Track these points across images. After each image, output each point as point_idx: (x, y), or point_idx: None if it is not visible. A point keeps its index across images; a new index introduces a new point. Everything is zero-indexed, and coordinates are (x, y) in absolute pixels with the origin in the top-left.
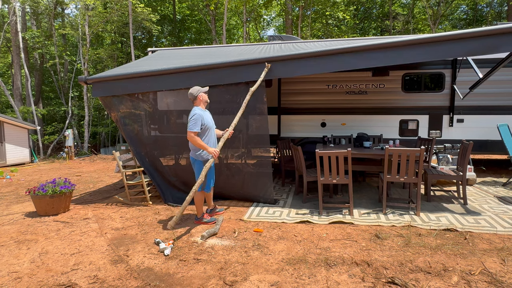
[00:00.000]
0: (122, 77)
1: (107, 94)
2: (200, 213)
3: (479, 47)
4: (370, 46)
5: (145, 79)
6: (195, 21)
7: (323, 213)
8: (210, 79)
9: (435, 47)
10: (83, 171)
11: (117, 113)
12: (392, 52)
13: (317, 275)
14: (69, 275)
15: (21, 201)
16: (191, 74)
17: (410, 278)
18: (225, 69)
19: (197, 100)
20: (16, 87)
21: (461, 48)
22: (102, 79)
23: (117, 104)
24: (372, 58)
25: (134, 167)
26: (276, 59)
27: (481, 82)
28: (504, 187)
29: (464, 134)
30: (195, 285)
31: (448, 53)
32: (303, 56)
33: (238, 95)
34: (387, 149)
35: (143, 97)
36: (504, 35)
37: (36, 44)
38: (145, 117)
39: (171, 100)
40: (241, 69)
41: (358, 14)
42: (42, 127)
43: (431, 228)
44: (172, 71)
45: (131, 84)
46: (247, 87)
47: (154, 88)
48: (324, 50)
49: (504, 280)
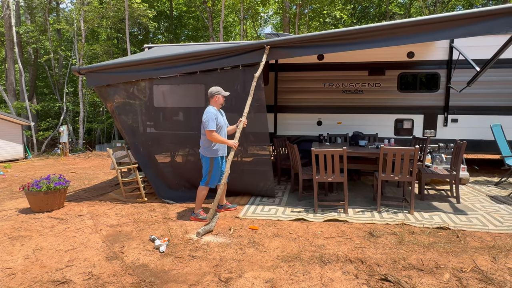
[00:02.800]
0: (116, 66)
1: (101, 84)
2: (198, 208)
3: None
4: (356, 30)
5: (140, 67)
6: (192, 18)
7: (318, 211)
8: (206, 65)
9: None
10: (78, 168)
11: (113, 103)
12: (386, 37)
13: (312, 272)
14: (63, 271)
15: (14, 198)
16: (186, 61)
17: (402, 275)
18: (222, 56)
19: (213, 99)
20: (10, 82)
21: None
22: (95, 69)
23: (112, 94)
24: (363, 43)
25: (129, 163)
26: (275, 43)
27: (479, 75)
28: (496, 186)
29: (458, 133)
30: (190, 281)
31: (447, 35)
32: (299, 40)
33: (235, 80)
34: (382, 148)
35: (138, 86)
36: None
37: (30, 39)
38: (140, 107)
39: (166, 89)
40: (240, 56)
41: (355, 13)
42: (36, 123)
43: (424, 226)
44: (167, 58)
45: (125, 72)
46: (244, 71)
47: (149, 76)
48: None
49: (495, 277)
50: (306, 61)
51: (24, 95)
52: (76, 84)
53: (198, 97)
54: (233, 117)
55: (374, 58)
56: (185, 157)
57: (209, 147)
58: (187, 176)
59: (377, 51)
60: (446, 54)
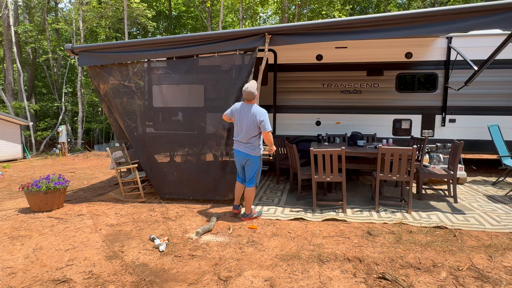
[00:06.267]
0: (111, 46)
1: (94, 64)
2: (249, 209)
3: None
4: (350, 21)
5: (135, 48)
6: (191, 18)
7: (317, 211)
8: (203, 49)
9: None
10: (77, 168)
11: (107, 85)
12: (387, 28)
13: (310, 270)
14: (63, 270)
15: (14, 197)
16: (182, 44)
17: (400, 273)
18: (218, 40)
19: (255, 98)
20: (8, 82)
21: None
22: (89, 48)
23: (107, 76)
24: (357, 33)
25: (128, 163)
26: (276, 30)
27: (476, 75)
28: (494, 186)
29: (455, 134)
30: (189, 280)
31: (445, 28)
32: (300, 28)
33: (232, 67)
34: (380, 148)
35: (133, 68)
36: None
37: (28, 39)
38: (136, 89)
39: (162, 73)
40: (238, 41)
41: (354, 14)
42: (35, 123)
43: (422, 226)
44: (164, 40)
45: (120, 53)
46: (242, 56)
47: (145, 57)
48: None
49: (491, 275)
50: (305, 62)
51: (23, 95)
52: (75, 84)
53: (198, 94)
54: None
55: (373, 59)
56: (185, 155)
57: (258, 147)
58: (188, 174)
59: (375, 52)
60: (444, 54)
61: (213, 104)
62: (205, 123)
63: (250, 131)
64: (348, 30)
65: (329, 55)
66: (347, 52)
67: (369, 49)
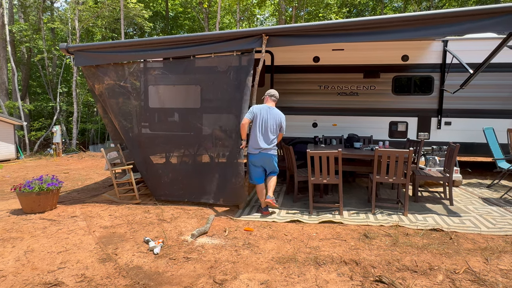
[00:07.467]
0: (107, 46)
1: (90, 64)
2: (272, 193)
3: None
4: (346, 23)
5: (131, 48)
6: (188, 19)
7: (313, 213)
8: (200, 49)
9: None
10: (71, 168)
11: (102, 85)
12: (380, 31)
13: (307, 273)
14: (55, 273)
15: (5, 198)
16: (179, 44)
17: (397, 276)
18: (215, 41)
19: (276, 101)
20: (2, 81)
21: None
22: (85, 48)
23: (102, 76)
24: (353, 35)
25: (123, 164)
26: (273, 31)
27: (472, 78)
28: (489, 188)
29: (451, 136)
30: (184, 283)
31: (441, 31)
32: (297, 29)
33: (229, 68)
34: (377, 150)
35: (129, 68)
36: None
37: (23, 38)
38: (132, 89)
39: (158, 73)
40: (235, 42)
41: (350, 16)
42: (29, 123)
43: (418, 228)
44: (160, 40)
45: (116, 53)
46: (239, 57)
47: (141, 57)
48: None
49: (487, 278)
50: (302, 63)
51: (17, 94)
52: (70, 83)
53: (194, 94)
54: (228, 117)
55: (369, 61)
56: (181, 156)
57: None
58: (184, 176)
59: (372, 54)
60: (440, 57)
61: (209, 105)
62: (201, 124)
63: (273, 132)
64: (345, 32)
65: (326, 57)
66: (344, 54)
67: (366, 52)
